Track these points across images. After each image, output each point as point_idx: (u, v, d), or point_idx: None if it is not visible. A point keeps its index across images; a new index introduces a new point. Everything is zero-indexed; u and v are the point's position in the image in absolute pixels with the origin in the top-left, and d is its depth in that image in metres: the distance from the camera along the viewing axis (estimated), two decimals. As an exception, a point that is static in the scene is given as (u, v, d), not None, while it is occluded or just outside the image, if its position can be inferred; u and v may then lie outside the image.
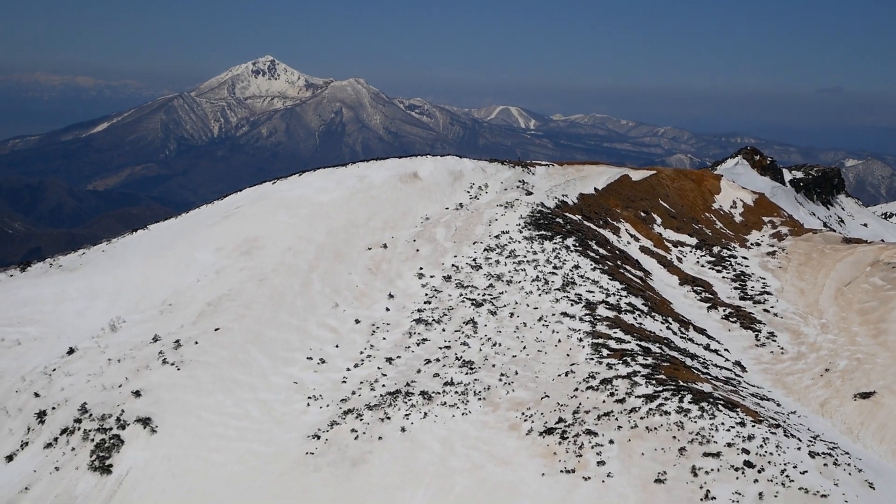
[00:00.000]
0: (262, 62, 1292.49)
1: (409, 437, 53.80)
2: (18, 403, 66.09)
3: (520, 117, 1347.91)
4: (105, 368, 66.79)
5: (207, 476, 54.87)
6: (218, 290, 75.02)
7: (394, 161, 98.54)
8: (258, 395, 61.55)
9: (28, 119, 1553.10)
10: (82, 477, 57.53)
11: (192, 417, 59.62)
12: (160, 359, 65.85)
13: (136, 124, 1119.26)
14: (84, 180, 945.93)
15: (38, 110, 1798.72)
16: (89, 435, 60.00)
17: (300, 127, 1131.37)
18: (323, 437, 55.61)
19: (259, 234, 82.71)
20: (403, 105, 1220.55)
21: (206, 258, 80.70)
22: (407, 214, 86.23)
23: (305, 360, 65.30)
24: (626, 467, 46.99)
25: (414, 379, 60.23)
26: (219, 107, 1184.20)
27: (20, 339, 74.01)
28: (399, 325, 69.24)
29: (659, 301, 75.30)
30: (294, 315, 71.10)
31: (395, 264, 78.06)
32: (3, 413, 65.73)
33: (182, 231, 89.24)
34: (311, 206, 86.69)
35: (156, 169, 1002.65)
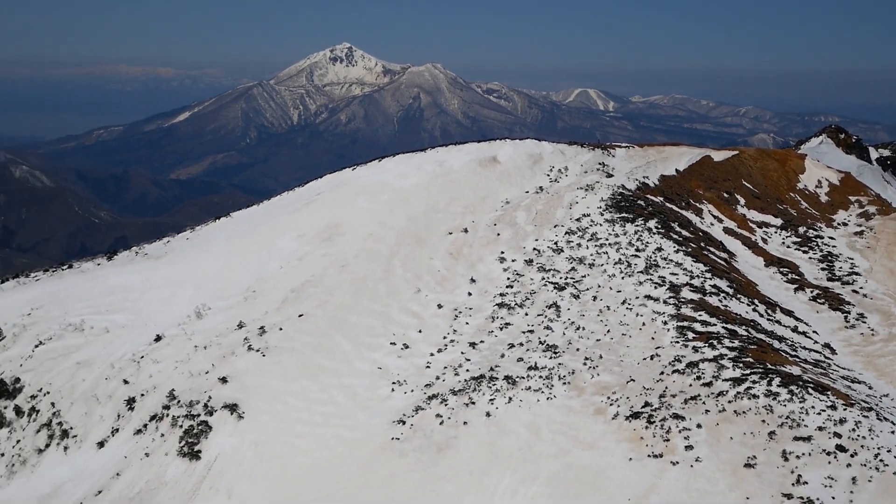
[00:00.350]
0: (340, 49, 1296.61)
1: (494, 421, 53.66)
2: (108, 390, 66.78)
3: (598, 99, 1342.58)
4: (192, 355, 67.33)
5: (294, 462, 55.10)
6: (301, 277, 75.31)
7: (472, 145, 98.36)
8: (343, 380, 61.69)
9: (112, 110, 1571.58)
10: (172, 463, 58.03)
11: (278, 403, 59.90)
12: (245, 345, 66.25)
13: (217, 113, 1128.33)
14: (167, 169, 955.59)
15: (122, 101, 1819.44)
16: (178, 421, 60.51)
17: (378, 113, 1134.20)
18: (408, 423, 55.61)
19: (340, 220, 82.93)
20: (481, 89, 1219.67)
21: (289, 245, 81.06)
22: (487, 198, 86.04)
23: (389, 345, 65.37)
24: (715, 452, 46.52)
25: (498, 363, 60.07)
26: (298, 94, 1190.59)
27: (108, 327, 74.82)
28: (482, 309, 69.10)
29: (744, 283, 74.55)
30: (377, 301, 71.22)
31: (476, 249, 77.93)
32: (94, 400, 66.47)
33: (264, 218, 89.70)
34: (392, 192, 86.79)
35: (237, 157, 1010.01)
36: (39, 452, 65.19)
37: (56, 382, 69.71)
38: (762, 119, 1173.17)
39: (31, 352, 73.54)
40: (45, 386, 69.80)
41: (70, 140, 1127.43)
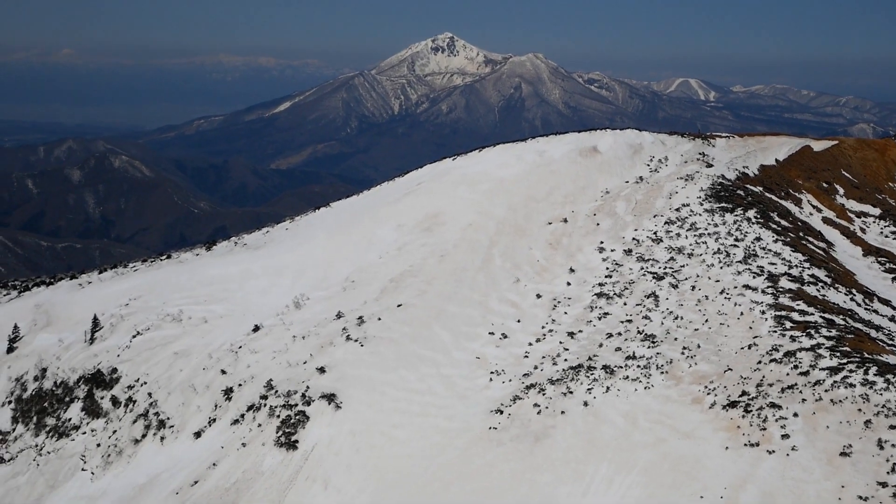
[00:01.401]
0: (442, 39, 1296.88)
1: (591, 411, 53.74)
2: (206, 381, 67.62)
3: (699, 89, 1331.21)
4: (290, 345, 67.96)
5: (391, 451, 55.46)
6: (400, 267, 75.72)
7: (573, 135, 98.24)
8: (441, 370, 62.00)
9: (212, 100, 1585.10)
10: (269, 453, 58.65)
11: (376, 393, 60.31)
12: (344, 335, 66.75)
13: (318, 103, 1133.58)
14: (267, 159, 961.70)
15: (222, 91, 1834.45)
16: (275, 411, 61.14)
17: (479, 103, 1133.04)
18: (506, 412, 55.83)
19: (440, 210, 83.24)
20: (582, 79, 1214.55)
21: (388, 235, 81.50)
22: (586, 188, 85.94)
23: (487, 335, 65.59)
24: (811, 441, 46.28)
25: (596, 353, 60.10)
26: (399, 84, 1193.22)
27: (207, 317, 75.70)
28: (580, 299, 69.11)
29: (842, 272, 73.86)
30: (475, 290, 71.45)
31: (575, 238, 77.90)
32: (191, 390, 67.32)
33: (364, 208, 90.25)
34: (492, 182, 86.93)
35: (338, 147, 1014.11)
36: (136, 443, 66.15)
37: (153, 373, 70.70)
38: (862, 109, 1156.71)
39: (128, 342, 74.68)
40: (142, 376, 70.85)
41: (170, 130, 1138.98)
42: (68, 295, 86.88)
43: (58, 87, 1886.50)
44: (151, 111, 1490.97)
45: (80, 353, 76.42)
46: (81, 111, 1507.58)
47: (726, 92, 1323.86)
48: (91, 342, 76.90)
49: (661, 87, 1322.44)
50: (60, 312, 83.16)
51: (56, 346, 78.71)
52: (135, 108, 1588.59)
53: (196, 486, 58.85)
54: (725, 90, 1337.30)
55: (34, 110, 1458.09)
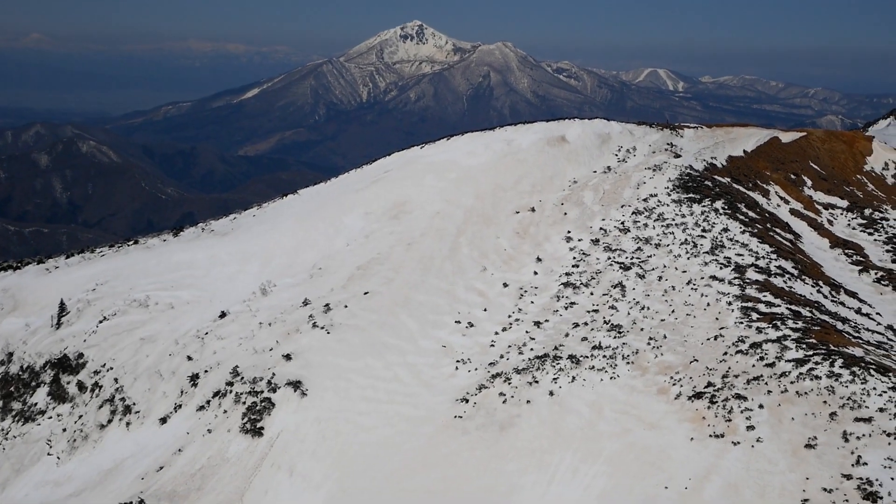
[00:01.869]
0: (411, 27, 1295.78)
1: (557, 400, 53.87)
2: (172, 367, 67.52)
3: (668, 79, 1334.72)
4: (256, 332, 67.92)
5: (357, 439, 55.51)
6: (367, 255, 75.71)
7: (541, 125, 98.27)
8: (407, 358, 62.05)
9: (180, 86, 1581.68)
10: (234, 439, 58.62)
11: (342, 381, 60.32)
12: (310, 322, 66.74)
13: (286, 90, 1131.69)
14: (235, 146, 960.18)
15: (190, 77, 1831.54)
16: (241, 398, 61.10)
17: (448, 91, 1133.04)
18: (471, 401, 55.91)
19: (407, 198, 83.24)
20: (551, 68, 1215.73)
21: (356, 222, 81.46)
22: (554, 178, 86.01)
23: (454, 323, 65.66)
24: (776, 432, 46.52)
25: (562, 343, 60.23)
26: (367, 72, 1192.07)
27: (173, 303, 75.57)
28: (547, 288, 69.20)
29: (809, 264, 74.17)
30: (442, 279, 71.49)
31: (542, 228, 77.98)
32: (157, 376, 67.20)
33: (331, 196, 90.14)
34: (460, 170, 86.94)
35: (305, 134, 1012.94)
36: (101, 428, 66.06)
37: (119, 358, 70.58)
38: (831, 101, 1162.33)
39: (94, 327, 74.49)
40: (108, 361, 70.72)
41: (138, 116, 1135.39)
42: (35, 279, 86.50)
43: (26, 72, 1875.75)
44: (120, 97, 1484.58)
45: (47, 337, 76.17)
46: (50, 96, 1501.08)
47: (695, 82, 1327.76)
48: (57, 327, 76.66)
49: (629, 76, 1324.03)
50: (27, 297, 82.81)
51: (22, 331, 78.42)
52: (103, 93, 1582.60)
53: (161, 471, 58.79)
54: (694, 80, 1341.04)
55: (2, 95, 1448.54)
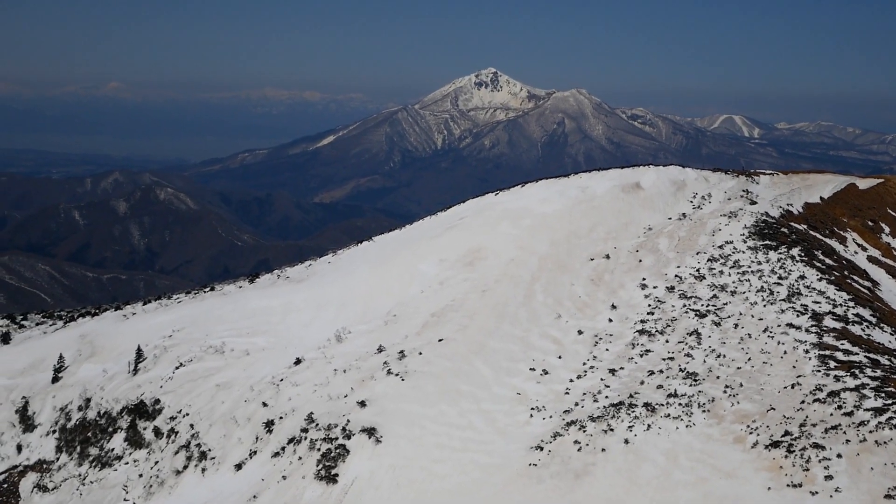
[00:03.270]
0: (485, 74, 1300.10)
1: (632, 449, 53.44)
2: (247, 413, 67.74)
3: (743, 126, 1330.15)
4: (331, 379, 68.00)
5: (431, 487, 55.28)
6: (442, 301, 75.72)
7: (616, 171, 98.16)
8: (481, 405, 61.83)
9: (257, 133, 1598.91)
10: (309, 486, 58.58)
11: (416, 428, 60.18)
12: (385, 369, 66.74)
13: (362, 137, 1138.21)
14: (310, 193, 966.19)
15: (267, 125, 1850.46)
16: (316, 444, 61.10)
17: (522, 138, 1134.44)
18: (546, 449, 55.59)
19: (482, 245, 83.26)
20: (625, 115, 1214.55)
21: (430, 269, 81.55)
22: (629, 225, 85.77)
23: (528, 370, 65.40)
24: (855, 482, 45.83)
25: (637, 390, 59.80)
26: (442, 119, 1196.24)
27: (249, 350, 75.94)
28: (622, 336, 68.82)
29: (888, 312, 73.30)
30: (517, 326, 71.30)
31: (617, 275, 77.68)
32: (233, 422, 67.44)
33: (406, 242, 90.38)
34: (534, 217, 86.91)
35: (380, 181, 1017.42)
36: (177, 474, 66.33)
37: (195, 404, 70.96)
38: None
39: (171, 373, 75.04)
40: (184, 407, 71.11)
41: (215, 163, 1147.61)
42: (113, 326, 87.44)
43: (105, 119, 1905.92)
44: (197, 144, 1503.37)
45: (124, 383, 76.82)
46: (128, 144, 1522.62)
47: (770, 129, 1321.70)
48: (135, 373, 77.30)
49: (704, 123, 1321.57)
50: (105, 343, 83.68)
51: (100, 377, 79.20)
52: (181, 141, 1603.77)
53: (237, 518, 58.98)
54: (769, 127, 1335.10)
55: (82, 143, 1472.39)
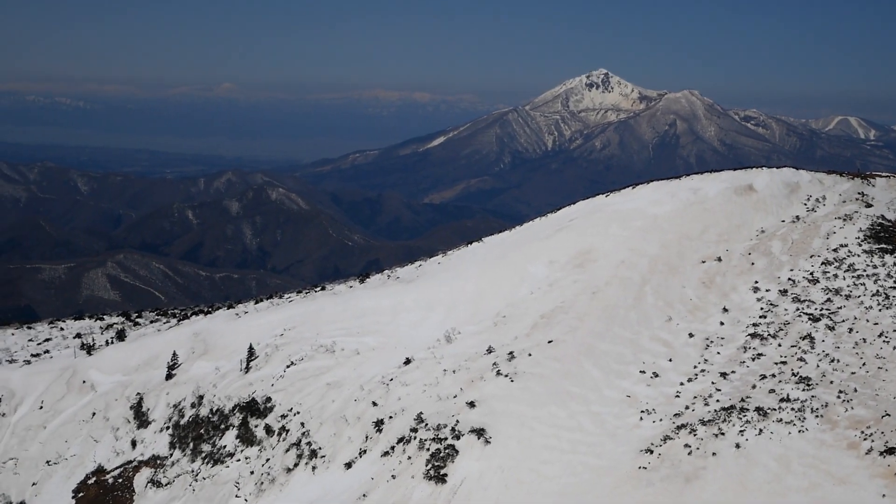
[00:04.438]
0: (596, 75, 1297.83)
1: (743, 453, 52.90)
2: (357, 412, 68.15)
3: (859, 128, 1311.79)
4: (440, 379, 68.17)
5: (539, 488, 55.19)
6: (551, 303, 75.58)
7: (728, 173, 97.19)
8: (591, 407, 61.59)
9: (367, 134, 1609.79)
10: (418, 486, 58.75)
11: (525, 429, 60.11)
12: (494, 370, 66.74)
13: (472, 138, 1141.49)
14: (421, 193, 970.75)
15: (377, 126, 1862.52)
16: (425, 444, 61.28)
17: (633, 139, 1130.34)
18: (656, 452, 55.23)
19: (592, 246, 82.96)
20: (738, 116, 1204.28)
21: (540, 270, 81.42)
22: (741, 227, 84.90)
23: (638, 373, 65.03)
24: (974, 491, 45.08)
25: (748, 394, 59.17)
26: (552, 120, 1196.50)
27: (359, 349, 76.42)
28: (733, 339, 68.12)
29: None
30: (627, 328, 70.95)
31: (729, 278, 76.94)
32: (343, 421, 67.89)
33: (516, 243, 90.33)
34: (645, 219, 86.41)
35: (490, 182, 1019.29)
36: (288, 471, 66.95)
37: (306, 403, 71.57)
38: None
39: (282, 372, 75.75)
40: (295, 406, 71.77)
41: (326, 163, 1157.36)
42: (225, 324, 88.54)
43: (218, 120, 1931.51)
44: (308, 145, 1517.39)
45: (236, 381, 77.74)
46: (240, 144, 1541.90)
47: (887, 130, 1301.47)
48: (246, 371, 78.16)
49: (819, 125, 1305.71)
50: (217, 341, 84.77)
51: (213, 374, 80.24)
52: (292, 141, 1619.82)
53: (346, 516, 59.35)
54: (886, 129, 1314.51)
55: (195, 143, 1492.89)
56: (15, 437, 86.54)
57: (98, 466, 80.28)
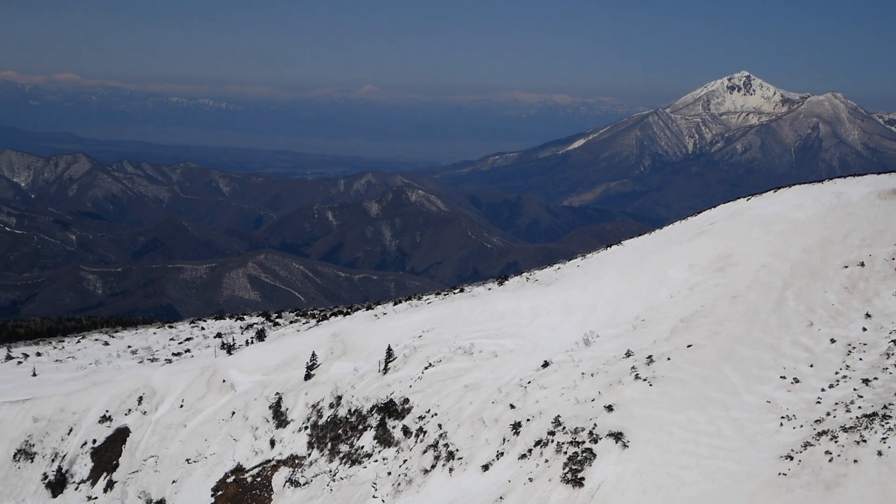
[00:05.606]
0: (738, 78, 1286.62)
1: (885, 461, 52.12)
2: (494, 414, 68.36)
3: None
4: (578, 382, 68.11)
5: (678, 493, 54.91)
6: (691, 307, 75.13)
7: (872, 177, 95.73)
8: (730, 412, 61.12)
9: (507, 136, 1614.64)
10: (555, 489, 58.76)
11: (664, 434, 59.85)
12: (632, 374, 66.52)
13: (611, 141, 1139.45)
14: (560, 196, 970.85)
15: (517, 128, 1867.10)
16: (562, 447, 61.26)
17: (775, 143, 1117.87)
18: (796, 458, 54.66)
19: (733, 250, 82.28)
20: (883, 120, 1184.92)
21: (680, 274, 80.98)
22: (885, 232, 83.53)
23: (779, 378, 64.37)
24: None
25: (891, 401, 58.24)
26: (693, 123, 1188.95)
27: (497, 352, 76.63)
28: (876, 345, 67.08)
29: None
30: (767, 333, 70.25)
31: (872, 283, 75.78)
32: (480, 423, 68.15)
33: (655, 247, 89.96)
34: (786, 223, 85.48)
35: (630, 185, 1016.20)
36: (425, 473, 67.31)
37: (443, 405, 71.95)
38: None
39: (420, 373, 76.24)
40: (432, 407, 72.17)
41: (465, 165, 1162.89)
42: (364, 325, 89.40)
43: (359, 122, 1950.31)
44: (447, 147, 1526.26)
45: (374, 382, 78.46)
46: (380, 146, 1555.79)
47: None
48: (385, 372, 78.84)
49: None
50: (356, 342, 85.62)
51: (351, 375, 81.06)
52: (432, 143, 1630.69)
53: (484, 518, 59.62)
54: None
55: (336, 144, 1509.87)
56: (156, 436, 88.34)
57: (237, 465, 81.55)
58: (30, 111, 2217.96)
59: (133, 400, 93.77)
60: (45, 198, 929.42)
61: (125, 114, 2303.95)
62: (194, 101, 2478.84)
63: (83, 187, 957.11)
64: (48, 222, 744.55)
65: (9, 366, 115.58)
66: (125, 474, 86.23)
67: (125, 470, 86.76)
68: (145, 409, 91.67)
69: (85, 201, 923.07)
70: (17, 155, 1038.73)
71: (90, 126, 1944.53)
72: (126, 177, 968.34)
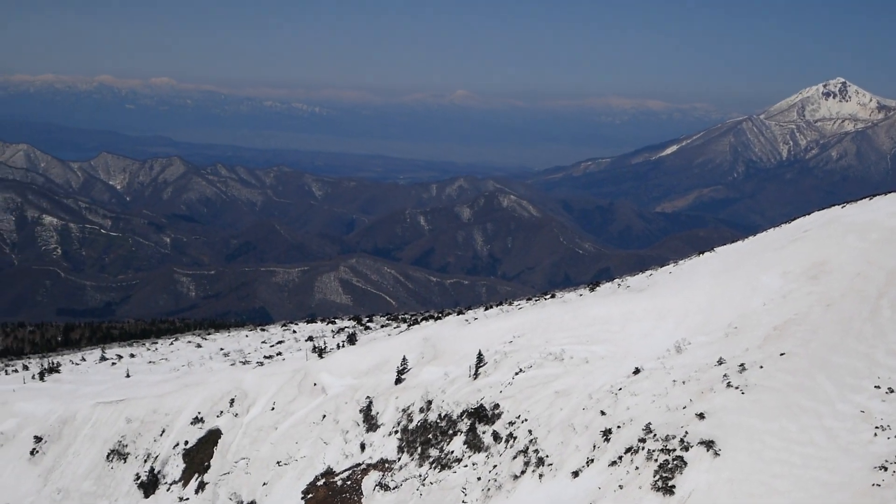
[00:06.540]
0: (833, 84, 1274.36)
1: (982, 473, 51.50)
2: (585, 421, 68.17)
3: None
4: (669, 389, 67.75)
5: (770, 502, 54.33)
6: (784, 315, 74.44)
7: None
8: (823, 422, 60.47)
9: (600, 142, 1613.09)
10: (645, 496, 58.47)
11: (756, 442, 59.37)
12: (724, 382, 66.02)
13: (705, 147, 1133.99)
14: (652, 202, 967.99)
15: (610, 133, 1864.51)
16: (653, 455, 60.96)
17: (871, 150, 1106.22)
18: (890, 469, 53.98)
19: (827, 258, 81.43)
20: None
21: (773, 281, 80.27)
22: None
23: (873, 388, 63.56)
24: None
25: None
26: (787, 129, 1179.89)
27: (588, 358, 76.42)
28: (974, 356, 66.25)
29: None
30: (862, 342, 69.40)
31: (970, 293, 74.79)
32: (570, 430, 68.00)
33: (749, 254, 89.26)
34: (882, 231, 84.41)
35: (723, 191, 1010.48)
36: (515, 479, 67.28)
37: (534, 410, 71.86)
38: None
39: (510, 379, 76.24)
40: (522, 413, 72.14)
41: (558, 171, 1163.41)
42: (455, 330, 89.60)
43: (451, 126, 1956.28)
44: (540, 152, 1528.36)
45: (465, 387, 78.57)
46: (472, 150, 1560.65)
47: None
48: (475, 377, 78.95)
49: None
50: (446, 347, 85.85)
51: (441, 380, 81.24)
52: (524, 148, 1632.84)
53: (574, 525, 59.51)
54: None
55: (428, 149, 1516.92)
56: (247, 438, 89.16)
57: (327, 468, 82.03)
58: (126, 115, 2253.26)
59: (225, 402, 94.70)
60: (140, 200, 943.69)
61: (220, 118, 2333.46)
62: (288, 106, 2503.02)
63: (177, 190, 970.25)
64: (143, 225, 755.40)
65: (103, 367, 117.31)
66: (216, 476, 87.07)
67: (216, 471, 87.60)
68: (237, 412, 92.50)
69: (179, 204, 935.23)
70: (113, 158, 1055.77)
71: (185, 130, 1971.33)
72: (220, 180, 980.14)
